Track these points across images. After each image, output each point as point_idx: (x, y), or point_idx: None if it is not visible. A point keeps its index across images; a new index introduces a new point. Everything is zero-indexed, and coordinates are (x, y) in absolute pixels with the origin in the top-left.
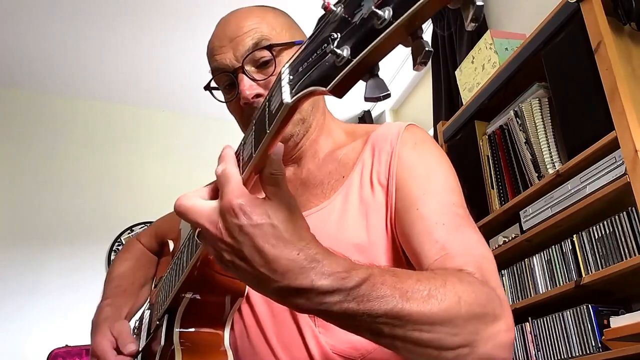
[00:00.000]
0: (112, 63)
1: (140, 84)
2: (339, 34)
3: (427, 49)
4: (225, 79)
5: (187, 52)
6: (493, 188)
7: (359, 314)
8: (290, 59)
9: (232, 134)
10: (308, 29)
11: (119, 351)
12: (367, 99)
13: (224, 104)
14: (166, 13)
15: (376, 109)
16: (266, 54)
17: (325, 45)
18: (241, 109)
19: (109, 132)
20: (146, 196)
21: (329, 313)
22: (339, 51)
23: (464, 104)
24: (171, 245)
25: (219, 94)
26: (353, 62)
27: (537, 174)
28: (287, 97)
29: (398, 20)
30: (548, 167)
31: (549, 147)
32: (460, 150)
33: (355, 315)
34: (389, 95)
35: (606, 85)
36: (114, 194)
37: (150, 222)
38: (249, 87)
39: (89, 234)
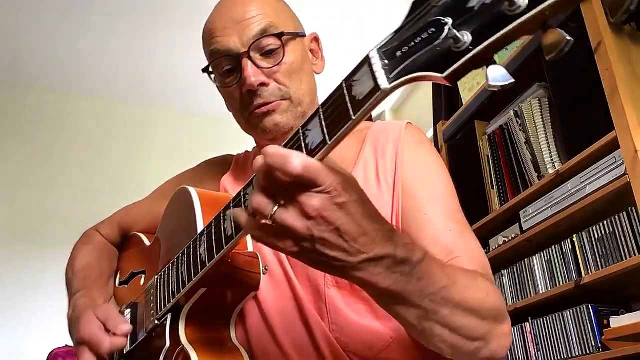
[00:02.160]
0: (113, 62)
1: (140, 83)
2: (450, 19)
3: (567, 38)
4: (225, 63)
5: (188, 51)
6: (493, 188)
7: (416, 290)
8: (379, 44)
9: (233, 134)
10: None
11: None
12: (490, 87)
13: (220, 89)
14: (168, 12)
15: (376, 108)
16: (272, 42)
17: (433, 30)
18: (240, 95)
19: (109, 132)
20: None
21: (393, 284)
22: (459, 36)
23: (464, 104)
24: (143, 238)
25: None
26: (478, 48)
27: (537, 174)
28: (384, 83)
29: (536, 9)
30: (548, 167)
31: (549, 147)
32: (460, 150)
33: (412, 291)
34: (513, 84)
35: (606, 85)
36: (114, 194)
37: None
38: (254, 74)
39: None
